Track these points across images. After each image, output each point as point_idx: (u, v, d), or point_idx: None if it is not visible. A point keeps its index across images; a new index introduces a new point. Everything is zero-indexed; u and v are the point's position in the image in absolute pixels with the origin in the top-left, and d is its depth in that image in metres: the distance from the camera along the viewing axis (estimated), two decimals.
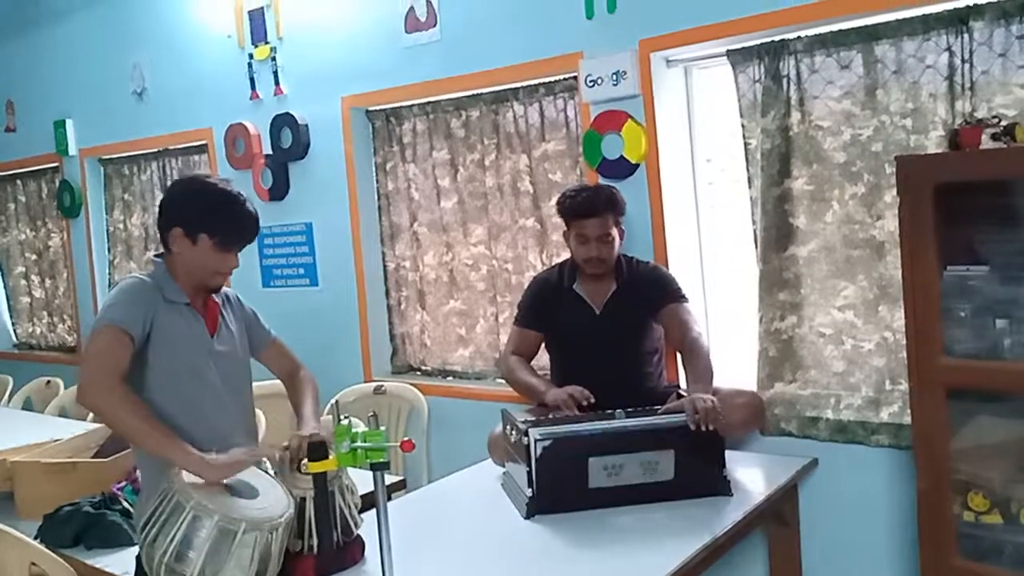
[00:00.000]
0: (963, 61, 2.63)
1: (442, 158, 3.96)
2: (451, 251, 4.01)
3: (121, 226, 5.52)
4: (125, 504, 2.60)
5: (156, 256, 2.28)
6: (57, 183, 5.73)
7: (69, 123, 5.56)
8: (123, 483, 2.70)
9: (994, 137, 2.21)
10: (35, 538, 2.42)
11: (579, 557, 2.26)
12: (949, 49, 2.65)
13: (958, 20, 2.62)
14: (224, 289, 2.38)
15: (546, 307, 3.09)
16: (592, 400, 2.74)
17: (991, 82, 2.59)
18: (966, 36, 2.62)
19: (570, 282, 3.06)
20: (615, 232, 2.99)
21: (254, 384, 2.42)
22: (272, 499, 2.04)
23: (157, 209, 2.30)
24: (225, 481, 2.03)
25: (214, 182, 2.28)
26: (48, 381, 5.06)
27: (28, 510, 2.74)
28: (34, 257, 6.27)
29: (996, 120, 2.25)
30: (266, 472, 2.19)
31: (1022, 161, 2.16)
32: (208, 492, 1.96)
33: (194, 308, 2.23)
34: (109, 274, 5.60)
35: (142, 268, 5.21)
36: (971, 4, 2.59)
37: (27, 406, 4.94)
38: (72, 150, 5.57)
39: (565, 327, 3.05)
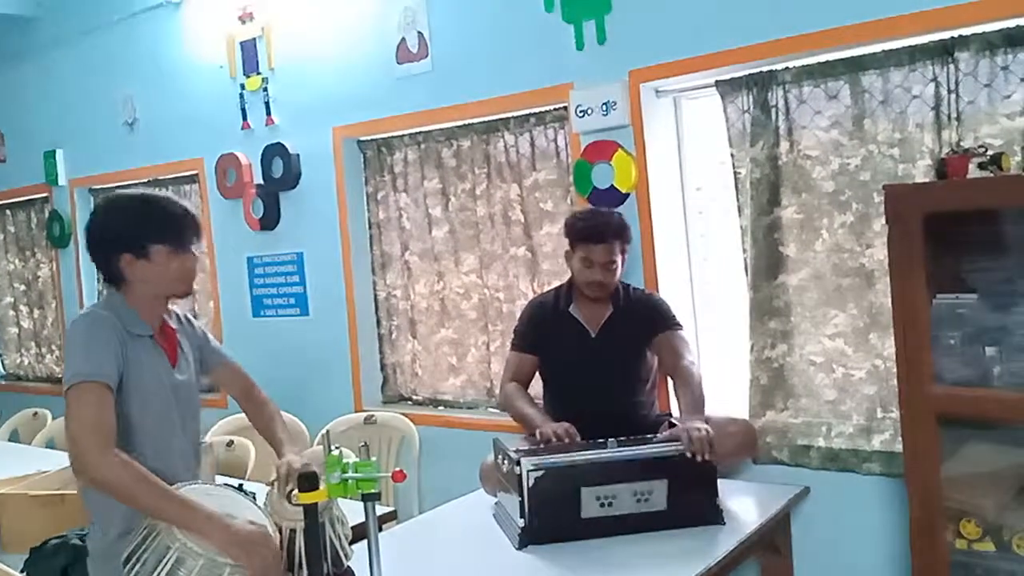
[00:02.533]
0: (949, 91, 2.66)
1: (433, 187, 3.97)
2: (442, 280, 4.01)
3: None
4: None
5: (108, 284, 2.18)
6: (46, 213, 5.73)
7: (59, 153, 5.56)
8: None
9: (981, 166, 2.22)
10: (21, 571, 2.39)
11: None
12: (935, 80, 2.69)
13: (944, 51, 2.65)
14: (176, 310, 2.32)
15: (542, 330, 3.09)
16: (578, 439, 2.72)
17: (977, 112, 2.62)
18: (952, 67, 2.65)
19: (566, 304, 3.06)
20: (619, 260, 2.99)
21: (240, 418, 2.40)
22: None
23: (88, 244, 2.17)
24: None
25: (129, 193, 2.20)
26: (35, 412, 5.01)
27: (14, 543, 2.70)
28: (22, 287, 6.24)
29: (983, 149, 2.27)
30: (255, 503, 2.17)
31: (1009, 190, 2.17)
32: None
33: (156, 340, 2.18)
34: None
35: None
36: (956, 35, 2.62)
37: (14, 438, 4.89)
38: (62, 180, 5.57)
39: (560, 348, 3.04)
